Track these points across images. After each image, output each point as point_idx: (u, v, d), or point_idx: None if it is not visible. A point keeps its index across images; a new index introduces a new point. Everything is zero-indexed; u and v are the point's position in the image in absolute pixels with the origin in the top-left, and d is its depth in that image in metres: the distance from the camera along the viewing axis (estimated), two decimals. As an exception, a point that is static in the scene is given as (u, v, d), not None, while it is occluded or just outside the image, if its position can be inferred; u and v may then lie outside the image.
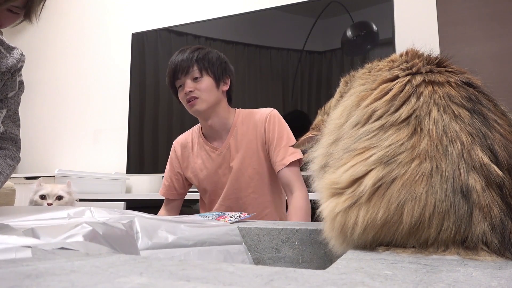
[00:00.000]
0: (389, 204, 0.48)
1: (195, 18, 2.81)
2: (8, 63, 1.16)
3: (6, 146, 1.19)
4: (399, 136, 0.51)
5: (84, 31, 3.41)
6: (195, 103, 1.42)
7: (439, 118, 0.51)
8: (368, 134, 0.54)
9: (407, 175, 0.48)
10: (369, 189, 0.49)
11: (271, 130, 1.44)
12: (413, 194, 0.48)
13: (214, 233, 0.86)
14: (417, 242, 0.48)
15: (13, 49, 1.20)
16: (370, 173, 0.50)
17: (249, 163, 1.44)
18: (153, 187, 3.01)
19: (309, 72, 2.38)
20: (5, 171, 1.14)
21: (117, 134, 3.09)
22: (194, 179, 1.53)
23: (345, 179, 0.52)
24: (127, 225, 0.68)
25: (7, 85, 1.17)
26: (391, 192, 0.48)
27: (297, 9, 2.45)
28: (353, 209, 0.50)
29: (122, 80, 3.07)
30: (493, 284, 0.33)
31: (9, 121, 1.19)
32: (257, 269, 0.35)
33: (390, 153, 0.50)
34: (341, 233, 0.51)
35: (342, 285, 0.31)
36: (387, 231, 0.49)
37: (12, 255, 0.41)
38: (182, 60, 1.43)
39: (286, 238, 0.90)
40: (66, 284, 0.29)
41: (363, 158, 0.52)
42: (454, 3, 2.26)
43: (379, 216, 0.48)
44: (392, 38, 2.15)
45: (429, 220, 0.47)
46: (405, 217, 0.47)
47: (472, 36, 2.20)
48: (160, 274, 0.33)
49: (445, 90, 0.54)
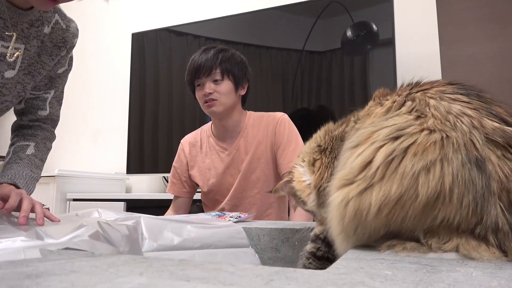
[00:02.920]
0: (402, 177, 0.45)
1: (195, 18, 2.81)
2: (65, 37, 1.06)
3: (46, 127, 1.14)
4: (403, 118, 0.50)
5: (84, 31, 3.41)
6: (212, 105, 1.44)
7: (438, 105, 0.50)
8: (369, 126, 0.53)
9: (418, 142, 0.46)
10: (381, 166, 0.47)
11: (281, 133, 1.47)
12: (426, 162, 0.45)
13: (220, 235, 0.85)
14: (430, 224, 0.45)
15: (70, 21, 1.10)
16: (380, 150, 0.48)
17: (258, 165, 1.47)
18: (153, 187, 3.01)
19: (309, 72, 2.38)
20: (45, 156, 1.11)
21: (117, 134, 3.09)
22: (200, 178, 1.54)
23: (355, 167, 0.50)
24: (131, 227, 0.68)
25: (60, 62, 1.09)
26: (404, 164, 0.46)
27: (297, 9, 2.45)
28: (367, 191, 0.47)
29: (122, 80, 3.06)
30: (493, 284, 0.33)
31: (55, 101, 1.14)
32: (257, 269, 0.35)
33: (397, 127, 0.49)
34: (354, 218, 0.48)
35: (342, 285, 0.31)
36: (401, 208, 0.45)
37: (20, 256, 0.41)
38: (206, 60, 1.43)
39: (286, 238, 0.90)
40: (66, 284, 0.29)
41: (369, 143, 0.50)
42: (454, 3, 2.26)
43: (393, 191, 0.45)
44: (392, 38, 2.15)
45: (450, 191, 0.44)
46: (421, 189, 0.44)
47: (472, 36, 2.20)
48: (160, 274, 0.33)
49: (435, 90, 0.54)
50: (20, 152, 1.05)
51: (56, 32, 1.05)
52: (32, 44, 0.99)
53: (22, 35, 0.96)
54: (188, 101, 2.69)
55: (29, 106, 1.11)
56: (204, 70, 1.43)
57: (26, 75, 1.01)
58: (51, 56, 1.05)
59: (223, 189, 1.50)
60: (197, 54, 1.48)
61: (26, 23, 0.96)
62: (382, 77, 2.18)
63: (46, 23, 1.01)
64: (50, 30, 1.03)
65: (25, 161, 1.03)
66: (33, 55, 1.01)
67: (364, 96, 2.26)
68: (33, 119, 1.12)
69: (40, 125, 1.13)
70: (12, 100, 1.04)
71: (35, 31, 0.99)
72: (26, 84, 1.03)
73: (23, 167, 1.01)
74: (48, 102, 1.13)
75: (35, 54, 1.01)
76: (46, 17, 1.01)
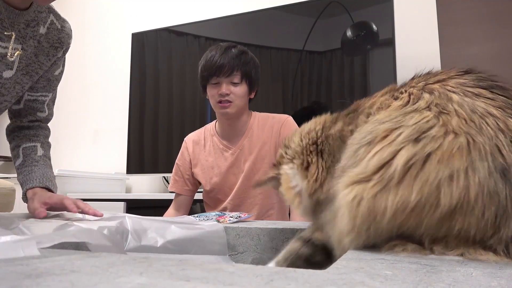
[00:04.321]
0: (424, 184, 0.42)
1: (195, 18, 2.81)
2: (61, 38, 1.07)
3: (44, 126, 1.17)
4: (423, 115, 0.47)
5: (84, 31, 3.41)
6: (227, 106, 1.44)
7: (462, 101, 0.47)
8: (385, 121, 0.49)
9: (443, 148, 0.43)
10: (400, 170, 0.44)
11: (286, 134, 1.47)
12: (452, 171, 0.42)
13: (201, 240, 0.87)
14: (444, 233, 0.43)
15: (64, 21, 1.11)
16: (400, 152, 0.45)
17: (261, 166, 1.47)
18: (153, 187, 3.01)
19: (309, 72, 2.38)
20: (50, 154, 1.15)
21: (117, 134, 3.09)
22: (203, 177, 1.54)
23: (371, 166, 0.46)
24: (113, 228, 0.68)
25: (56, 63, 1.11)
26: (427, 171, 0.43)
27: (297, 9, 2.45)
28: (383, 193, 0.44)
29: (122, 80, 3.06)
30: (493, 284, 0.33)
31: (51, 102, 1.16)
32: (257, 269, 0.35)
33: (418, 129, 0.45)
34: (368, 219, 0.45)
35: (342, 285, 0.31)
36: (417, 216, 0.43)
37: (20, 253, 0.41)
38: (229, 61, 1.42)
39: (286, 238, 0.90)
40: (66, 284, 0.29)
41: (389, 141, 0.46)
42: (454, 3, 2.26)
43: (412, 198, 0.42)
44: (392, 38, 2.15)
45: (474, 203, 0.41)
46: (443, 199, 0.42)
47: (472, 36, 2.20)
48: (160, 274, 0.33)
49: (454, 81, 0.50)
50: (32, 153, 1.08)
51: (52, 32, 1.06)
52: (29, 44, 1.00)
53: (19, 35, 0.97)
54: (188, 101, 2.69)
55: (28, 107, 1.12)
56: (225, 70, 1.42)
57: (24, 75, 1.02)
58: (48, 56, 1.06)
59: (225, 188, 1.51)
60: (216, 51, 1.45)
61: (23, 23, 0.97)
62: (382, 77, 2.18)
63: (41, 23, 1.02)
64: (46, 31, 1.04)
65: (41, 162, 1.07)
66: (30, 55, 1.02)
67: (364, 96, 2.25)
68: (32, 120, 1.13)
69: (39, 125, 1.15)
70: (11, 100, 1.05)
71: (31, 31, 1.00)
72: (25, 84, 1.04)
73: (43, 169, 1.06)
74: (46, 104, 1.15)
75: (32, 54, 1.02)
76: (41, 17, 1.02)
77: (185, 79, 2.72)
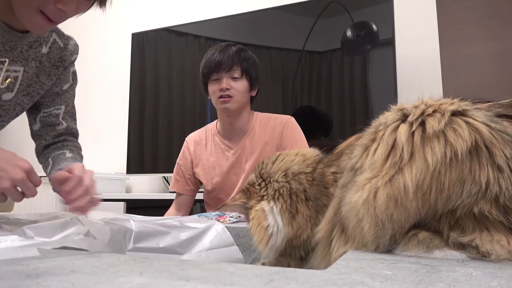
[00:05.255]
0: (432, 144, 0.42)
1: (195, 18, 2.81)
2: (62, 56, 1.08)
3: (71, 139, 1.17)
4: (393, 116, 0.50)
5: (84, 31, 3.41)
6: (227, 101, 1.45)
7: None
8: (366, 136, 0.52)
9: (432, 109, 0.45)
10: (406, 144, 0.43)
11: (288, 135, 1.49)
12: (448, 120, 0.43)
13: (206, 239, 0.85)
14: (467, 195, 0.42)
15: (68, 39, 1.11)
16: (397, 131, 0.46)
17: None
18: (153, 187, 3.01)
19: (309, 72, 2.38)
20: (79, 158, 1.15)
21: (117, 134, 3.09)
22: (204, 176, 1.55)
23: (377, 161, 0.46)
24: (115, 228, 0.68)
25: (61, 78, 1.11)
26: (429, 128, 0.43)
27: (297, 9, 2.45)
28: (396, 176, 0.43)
29: (122, 80, 3.06)
30: (493, 284, 0.33)
31: (67, 116, 1.15)
32: (257, 269, 0.35)
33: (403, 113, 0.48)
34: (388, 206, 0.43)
35: (342, 285, 0.31)
36: (437, 182, 0.42)
37: (19, 254, 0.41)
38: (228, 57, 1.45)
39: (286, 238, 0.90)
40: (66, 284, 0.29)
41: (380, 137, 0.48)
42: (454, 3, 2.26)
43: (429, 163, 0.42)
44: (392, 38, 2.15)
45: (489, 142, 0.42)
46: (455, 144, 0.41)
47: (472, 36, 2.20)
48: (160, 274, 0.33)
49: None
50: (61, 156, 1.08)
51: (54, 51, 1.06)
52: (31, 66, 1.00)
53: (21, 57, 0.97)
54: (188, 101, 2.69)
55: (45, 124, 1.12)
56: (225, 65, 1.44)
57: (25, 96, 1.03)
58: (50, 76, 1.07)
59: (227, 187, 1.51)
60: (215, 50, 1.48)
61: (26, 45, 0.98)
62: (382, 77, 2.18)
63: (44, 43, 1.03)
64: (48, 50, 1.04)
65: (70, 160, 1.07)
66: (32, 76, 1.02)
67: (364, 96, 2.26)
68: (55, 135, 1.13)
69: (65, 138, 1.15)
70: (9, 120, 1.06)
71: (34, 52, 1.00)
72: (25, 105, 1.05)
73: (72, 161, 1.06)
74: (61, 117, 1.14)
75: (33, 75, 1.02)
76: (43, 38, 1.03)
77: (185, 79, 2.72)
